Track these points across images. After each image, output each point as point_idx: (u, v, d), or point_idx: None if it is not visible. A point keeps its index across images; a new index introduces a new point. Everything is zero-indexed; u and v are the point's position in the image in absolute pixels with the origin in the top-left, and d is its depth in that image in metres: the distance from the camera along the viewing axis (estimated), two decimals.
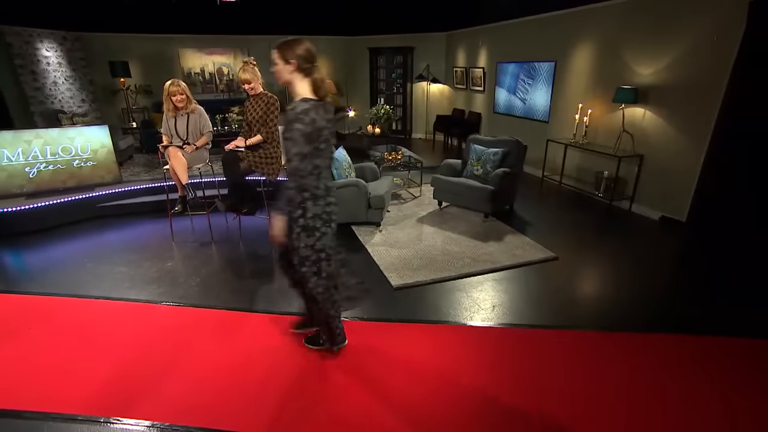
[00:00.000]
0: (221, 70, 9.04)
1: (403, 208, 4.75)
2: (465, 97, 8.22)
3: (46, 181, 4.54)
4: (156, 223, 4.48)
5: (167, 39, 8.49)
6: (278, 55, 1.94)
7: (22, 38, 7.08)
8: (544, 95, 5.92)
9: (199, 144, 3.84)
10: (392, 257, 3.53)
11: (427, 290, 3.08)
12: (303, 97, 1.93)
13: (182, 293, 3.07)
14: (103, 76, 8.22)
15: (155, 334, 2.59)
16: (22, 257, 3.73)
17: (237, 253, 3.78)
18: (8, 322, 2.73)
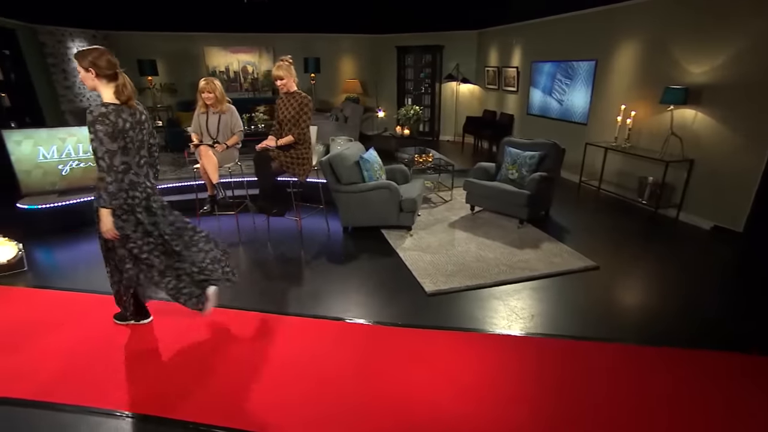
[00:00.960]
0: (246, 68, 9.31)
1: (434, 212, 4.79)
2: (497, 97, 8.22)
3: (77, 179, 4.78)
4: None
5: (193, 37, 8.82)
6: (77, 64, 2.24)
7: (55, 37, 7.50)
8: (582, 96, 5.88)
9: (229, 143, 3.99)
10: (425, 262, 3.58)
11: (461, 297, 3.11)
12: (104, 102, 2.24)
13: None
14: (130, 75, 8.52)
15: (188, 335, 2.70)
16: (55, 254, 3.94)
17: (265, 254, 3.89)
18: (44, 317, 2.89)
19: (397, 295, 3.16)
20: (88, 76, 2.24)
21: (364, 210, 4.13)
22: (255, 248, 3.99)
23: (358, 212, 4.16)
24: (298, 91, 3.72)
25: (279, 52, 9.37)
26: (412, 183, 4.52)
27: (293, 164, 3.67)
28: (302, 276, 3.48)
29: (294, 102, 3.67)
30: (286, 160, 3.64)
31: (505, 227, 4.34)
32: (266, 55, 9.39)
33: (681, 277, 3.42)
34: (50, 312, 2.95)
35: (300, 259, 3.81)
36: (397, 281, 3.35)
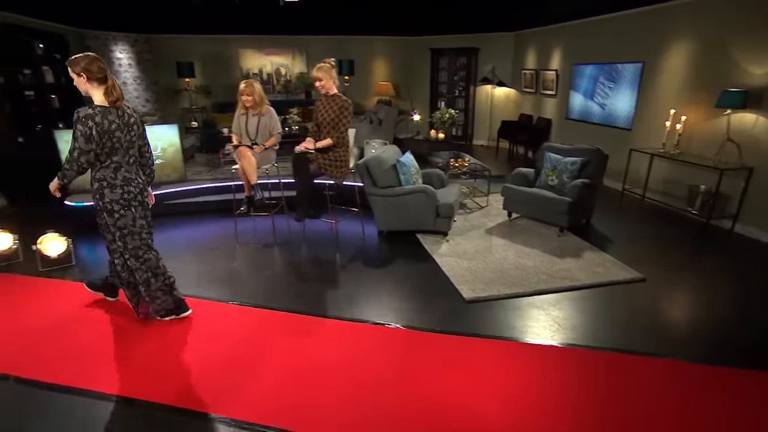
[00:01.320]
0: (279, 70, 9.58)
1: (470, 218, 4.79)
2: (534, 101, 8.13)
3: None
4: (218, 222, 4.83)
5: (228, 40, 9.14)
6: (71, 71, 2.49)
7: (100, 41, 7.96)
8: (627, 100, 5.75)
9: (268, 144, 4.13)
10: (462, 269, 3.59)
11: (501, 305, 3.11)
12: (93, 105, 2.49)
13: (250, 294, 3.30)
14: (167, 77, 8.98)
15: (226, 333, 2.81)
16: (100, 250, 4.17)
17: (300, 256, 3.99)
18: (89, 312, 3.08)
19: (434, 300, 3.18)
20: (81, 81, 2.51)
21: (399, 214, 4.18)
22: (290, 250, 4.11)
23: (394, 216, 4.21)
24: (338, 94, 3.81)
25: (312, 54, 9.59)
26: (449, 188, 4.55)
27: (331, 166, 3.76)
28: (338, 279, 3.55)
29: (334, 105, 3.76)
30: (324, 162, 3.73)
31: (545, 235, 4.29)
32: (299, 57, 9.62)
33: (737, 291, 3.30)
34: (96, 305, 3.13)
35: (335, 262, 3.89)
36: (434, 287, 3.37)
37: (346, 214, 4.50)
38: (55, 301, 3.19)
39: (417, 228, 4.25)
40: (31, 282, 3.48)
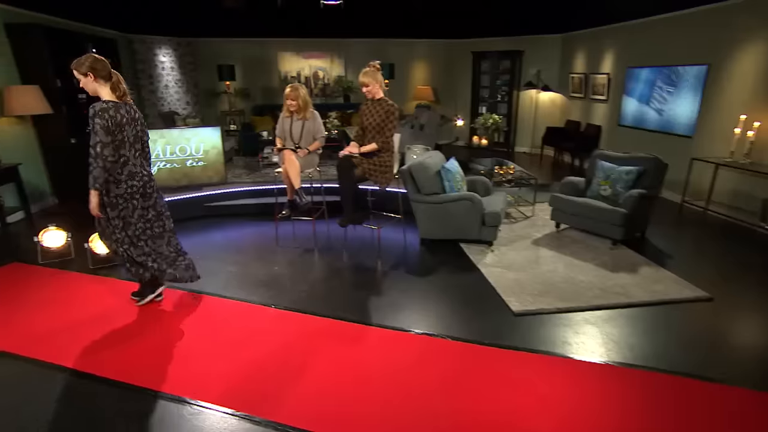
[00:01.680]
0: (317, 74, 9.82)
1: (515, 228, 4.75)
2: (582, 107, 7.98)
3: (163, 179, 5.30)
4: (258, 225, 5.00)
5: (267, 43, 9.46)
6: (77, 73, 2.71)
7: (145, 45, 8.43)
8: (689, 105, 5.56)
9: (311, 148, 4.25)
10: (509, 280, 3.56)
11: (551, 319, 3.07)
12: (104, 99, 2.72)
13: (291, 299, 3.39)
14: (207, 80, 9.39)
15: (270, 337, 2.90)
16: None
17: (341, 262, 4.08)
18: (135, 310, 3.25)
19: (481, 312, 3.18)
20: (88, 81, 2.72)
21: (443, 222, 4.20)
22: (331, 255, 4.20)
23: (438, 224, 4.23)
24: (384, 98, 3.89)
25: (350, 58, 9.79)
26: (494, 196, 4.53)
27: (376, 171, 3.83)
28: (380, 286, 3.60)
29: (380, 109, 3.84)
30: (368, 167, 3.81)
31: (596, 248, 4.20)
32: (338, 60, 9.84)
33: None
34: (149, 305, 3.30)
35: (376, 269, 3.94)
36: (480, 298, 3.37)
37: (387, 221, 4.55)
38: (106, 298, 3.38)
39: (461, 237, 4.25)
40: (82, 279, 3.70)
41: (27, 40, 5.28)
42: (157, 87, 8.71)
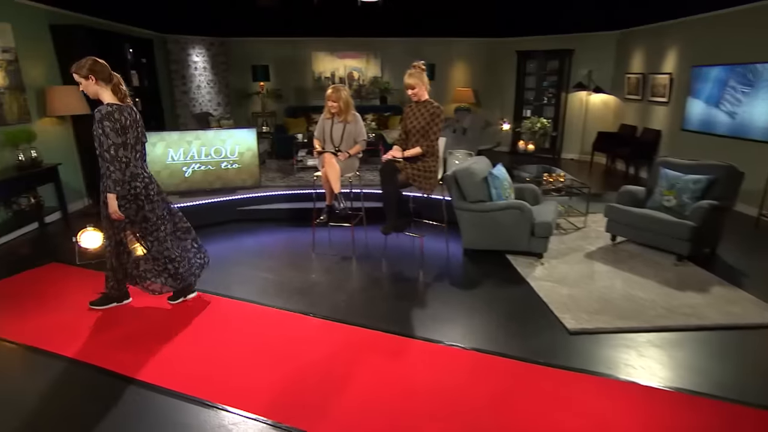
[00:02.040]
0: (352, 74, 10.00)
1: (565, 239, 4.70)
2: (639, 110, 7.81)
3: (197, 182, 5.53)
4: (292, 231, 5.13)
5: (301, 42, 9.72)
6: (78, 77, 2.85)
7: (179, 45, 8.83)
8: (767, 107, 5.35)
9: (352, 152, 4.34)
10: (562, 295, 3.53)
11: (611, 339, 3.02)
12: (108, 102, 2.89)
13: (331, 307, 3.47)
14: (239, 80, 9.73)
15: (309, 346, 2.97)
16: None
17: (381, 271, 4.14)
18: (176, 312, 3.40)
19: (532, 329, 3.16)
20: (89, 83, 2.87)
21: (489, 232, 4.20)
22: (370, 264, 4.27)
23: (483, 234, 4.24)
24: (429, 100, 3.95)
25: (387, 58, 9.93)
26: (544, 205, 4.50)
27: (420, 177, 3.88)
28: (423, 298, 3.64)
29: (425, 112, 3.90)
30: (412, 172, 3.87)
31: (658, 263, 4.10)
32: (373, 60, 10.00)
33: None
34: (180, 308, 3.45)
35: (418, 280, 3.98)
36: (531, 313, 3.35)
37: (429, 229, 4.59)
38: (141, 301, 3.55)
39: (508, 248, 4.24)
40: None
41: (70, 40, 5.63)
42: (189, 87, 9.10)
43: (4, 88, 4.86)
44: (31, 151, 4.98)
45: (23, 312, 3.36)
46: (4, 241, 4.78)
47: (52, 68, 5.62)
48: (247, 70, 9.44)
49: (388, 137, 7.95)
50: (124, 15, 7.07)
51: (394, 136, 7.99)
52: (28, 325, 3.19)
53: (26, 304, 3.48)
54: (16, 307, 3.44)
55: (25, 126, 5.09)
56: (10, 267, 4.13)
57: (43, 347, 2.94)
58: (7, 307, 3.44)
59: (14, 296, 3.61)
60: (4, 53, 4.87)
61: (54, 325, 3.20)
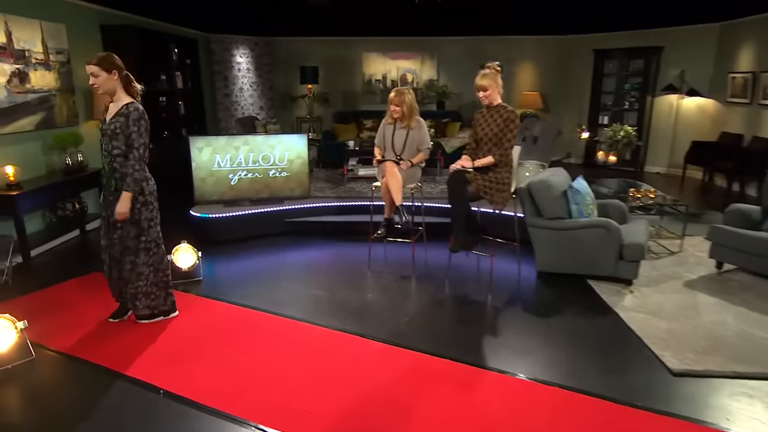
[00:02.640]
0: (405, 77, 10.16)
1: (658, 265, 4.53)
2: (747, 115, 7.43)
3: (243, 190, 5.75)
4: (343, 246, 5.23)
5: (351, 42, 9.96)
6: (99, 69, 3.06)
7: (223, 45, 9.28)
8: None
9: (415, 161, 4.40)
10: (659, 330, 3.39)
11: (725, 385, 2.86)
12: (132, 100, 3.20)
13: (391, 331, 3.49)
14: (283, 82, 10.08)
15: (370, 372, 3.00)
16: (223, 266, 4.76)
17: (444, 293, 4.14)
18: (225, 329, 3.51)
19: (624, 366, 3.05)
20: (110, 78, 3.12)
21: (569, 252, 4.12)
22: (432, 284, 4.28)
23: (561, 255, 4.16)
24: (502, 104, 3.95)
25: (444, 58, 10.02)
26: (633, 224, 4.37)
27: (492, 189, 3.87)
28: (493, 325, 3.60)
29: (498, 117, 3.90)
30: (484, 184, 3.86)
31: None
32: (429, 61, 10.12)
33: None
34: (230, 325, 3.58)
35: (486, 304, 3.96)
36: (621, 348, 3.24)
37: (498, 248, 4.55)
38: (189, 316, 3.70)
39: (590, 272, 4.14)
40: None
41: (119, 41, 6.04)
42: (232, 90, 9.52)
43: (56, 89, 5.28)
44: (78, 155, 5.34)
45: (66, 322, 3.58)
46: (49, 248, 5.14)
47: None
48: (292, 72, 9.77)
49: (447, 146, 8.00)
50: (172, 14, 7.53)
51: (453, 145, 8.06)
52: (72, 335, 3.39)
53: (70, 314, 3.70)
54: (60, 316, 3.67)
55: (73, 129, 5.49)
56: (56, 275, 4.42)
57: (89, 359, 3.13)
58: (51, 316, 3.67)
59: (58, 305, 3.86)
60: (57, 54, 5.31)
61: (100, 337, 3.39)
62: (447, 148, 7.94)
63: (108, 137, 3.21)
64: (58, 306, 3.86)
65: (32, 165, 4.98)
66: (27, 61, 4.88)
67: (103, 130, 3.25)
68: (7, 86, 4.63)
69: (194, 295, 4.07)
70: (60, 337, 3.37)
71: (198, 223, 5.35)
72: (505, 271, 4.46)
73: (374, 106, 10.01)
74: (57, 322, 3.59)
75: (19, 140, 4.83)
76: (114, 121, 3.20)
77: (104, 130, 3.24)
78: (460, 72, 9.95)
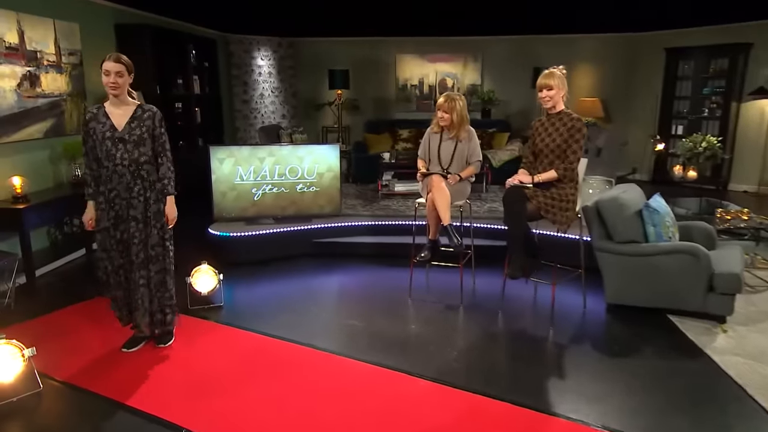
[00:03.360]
0: (444, 81, 10.25)
1: (756, 300, 4.40)
2: None
3: (267, 206, 5.85)
4: (379, 270, 5.28)
5: (383, 43, 10.13)
6: (126, 69, 3.30)
7: (243, 46, 9.57)
8: None
9: (464, 175, 4.41)
10: (764, 377, 3.28)
11: None
12: (138, 102, 3.48)
13: (439, 367, 3.46)
14: (308, 88, 10.29)
15: (419, 414, 2.98)
16: (245, 290, 4.83)
17: (497, 325, 4.13)
18: (249, 361, 3.55)
19: (725, 420, 2.96)
20: (128, 80, 3.36)
21: (645, 282, 4.04)
22: (484, 316, 4.26)
23: (636, 285, 4.09)
24: (567, 111, 3.94)
25: (489, 60, 10.08)
26: (725, 251, 4.27)
27: (554, 208, 3.84)
28: (559, 365, 3.55)
29: (560, 126, 3.89)
30: (545, 201, 3.84)
31: None
32: (472, 64, 10.20)
33: None
34: (254, 357, 3.61)
35: (547, 340, 3.91)
36: (718, 399, 3.13)
37: (559, 275, 4.49)
38: (217, 346, 3.76)
39: (671, 305, 4.05)
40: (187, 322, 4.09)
41: (134, 41, 6.32)
42: (251, 96, 9.77)
43: (66, 94, 5.52)
44: None
45: (75, 350, 3.68)
46: (52, 268, 5.30)
47: None
48: (318, 76, 10.01)
49: (494, 159, 8.00)
50: (189, 11, 7.78)
51: (501, 158, 8.07)
52: (81, 365, 3.48)
53: (78, 341, 3.81)
54: (68, 343, 3.77)
55: None
56: (62, 298, 4.56)
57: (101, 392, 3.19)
58: (58, 343, 3.77)
59: (66, 332, 3.96)
60: (70, 56, 5.56)
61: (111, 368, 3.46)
62: (494, 162, 7.95)
63: (133, 144, 3.35)
64: (65, 332, 3.96)
65: (40, 176, 5.18)
66: (39, 63, 5.11)
67: (115, 138, 3.33)
68: (18, 90, 4.86)
69: (214, 323, 4.13)
70: (68, 367, 3.45)
71: (217, 243, 5.46)
72: (568, 302, 4.40)
73: (410, 115, 10.15)
74: (65, 350, 3.69)
75: (27, 149, 5.04)
76: (135, 126, 3.35)
77: (118, 138, 3.33)
78: (508, 76, 10.03)
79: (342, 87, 9.38)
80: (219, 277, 4.40)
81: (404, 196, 6.80)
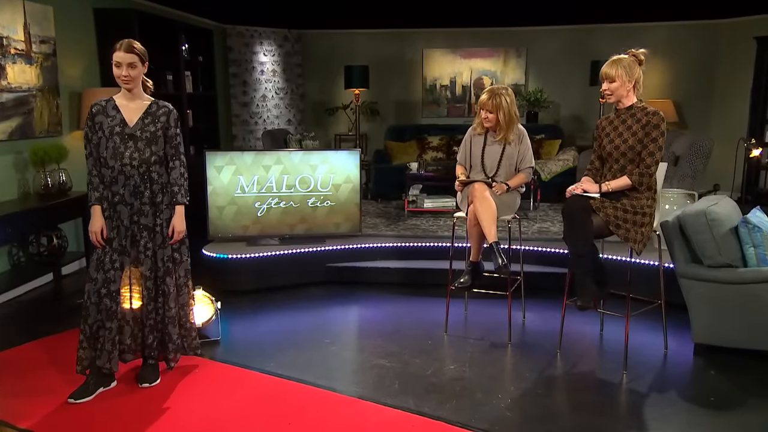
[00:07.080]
0: (480, 81, 10.27)
1: None
2: None
3: (272, 224, 5.86)
4: (407, 301, 5.29)
5: (408, 35, 10.24)
6: (138, 59, 3.38)
7: (243, 39, 9.72)
8: None
9: (512, 184, 4.38)
10: None
11: None
12: (152, 98, 3.59)
13: (488, 418, 3.38)
14: (319, 89, 10.40)
15: None
16: (247, 322, 4.84)
17: (555, 368, 4.05)
18: (254, 407, 3.49)
19: None
20: (142, 71, 3.47)
21: (745, 317, 3.94)
22: (537, 355, 4.20)
23: (733, 320, 3.99)
24: (642, 105, 3.91)
25: (534, 56, 10.09)
26: None
27: (627, 222, 3.77)
28: (637, 417, 3.46)
29: (634, 123, 3.85)
30: (616, 214, 3.77)
31: None
32: (515, 60, 10.24)
33: None
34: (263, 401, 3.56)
35: (620, 387, 3.81)
36: None
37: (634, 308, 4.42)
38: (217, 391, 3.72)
39: None
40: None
41: (116, 28, 6.39)
42: (252, 98, 9.88)
43: (37, 88, 5.60)
44: (60, 174, 5.58)
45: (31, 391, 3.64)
46: (13, 296, 5.30)
47: (92, 65, 6.42)
48: (330, 75, 10.18)
49: (543, 171, 7.98)
50: None
51: (552, 169, 8.04)
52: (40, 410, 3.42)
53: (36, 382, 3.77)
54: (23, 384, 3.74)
55: (56, 140, 5.79)
56: (21, 332, 4.53)
57: None
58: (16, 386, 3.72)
59: (22, 370, 3.93)
60: (41, 44, 5.66)
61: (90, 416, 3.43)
62: (543, 175, 7.92)
63: (144, 142, 3.42)
64: (25, 371, 3.93)
65: (1, 185, 5.24)
66: (4, 52, 5.19)
67: (125, 134, 3.41)
68: None
69: (211, 360, 4.10)
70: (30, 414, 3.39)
71: (213, 266, 5.49)
72: (644, 341, 4.35)
73: (440, 120, 10.22)
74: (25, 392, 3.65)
75: None
76: (149, 122, 3.45)
77: (129, 135, 3.41)
78: (558, 74, 10.03)
79: (361, 86, 9.41)
80: (216, 306, 4.40)
81: (435, 214, 6.80)
